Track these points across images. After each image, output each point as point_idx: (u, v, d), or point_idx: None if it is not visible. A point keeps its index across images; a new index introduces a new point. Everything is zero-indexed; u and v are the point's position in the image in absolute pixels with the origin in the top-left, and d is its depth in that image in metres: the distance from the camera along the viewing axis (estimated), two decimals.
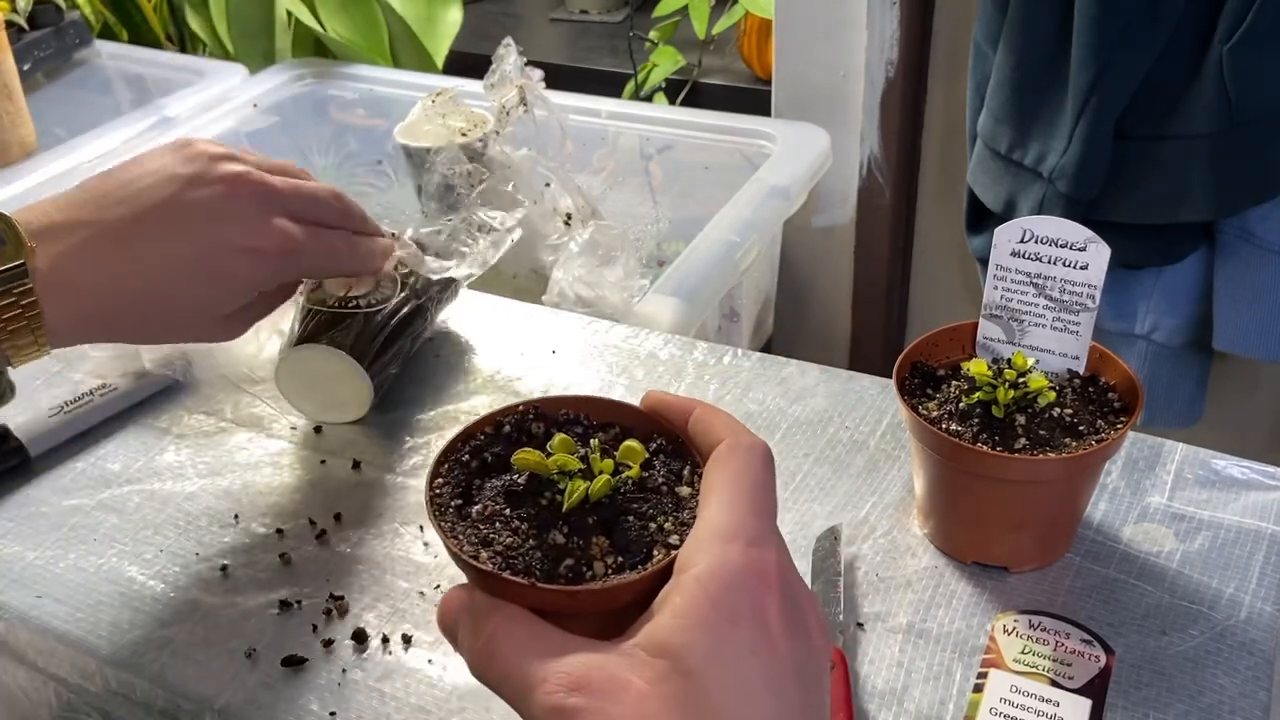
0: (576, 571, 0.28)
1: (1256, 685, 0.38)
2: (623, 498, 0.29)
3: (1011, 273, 0.43)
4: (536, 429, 0.32)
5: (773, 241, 0.89)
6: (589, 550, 0.28)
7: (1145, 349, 0.72)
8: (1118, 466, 0.48)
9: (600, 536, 0.28)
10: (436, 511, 0.29)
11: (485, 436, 0.32)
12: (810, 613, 0.26)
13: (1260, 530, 0.44)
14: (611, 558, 0.28)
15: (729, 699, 0.23)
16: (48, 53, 1.02)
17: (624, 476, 0.30)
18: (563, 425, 0.32)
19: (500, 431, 0.32)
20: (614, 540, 0.28)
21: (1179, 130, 0.63)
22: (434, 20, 1.12)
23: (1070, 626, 0.41)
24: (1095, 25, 0.62)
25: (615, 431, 0.32)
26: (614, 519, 0.29)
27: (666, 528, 0.29)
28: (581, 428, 0.32)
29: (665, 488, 0.30)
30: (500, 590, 0.27)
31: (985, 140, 0.73)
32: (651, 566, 0.27)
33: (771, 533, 0.27)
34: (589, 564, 0.28)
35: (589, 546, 0.28)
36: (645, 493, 0.30)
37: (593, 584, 0.27)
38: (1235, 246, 0.66)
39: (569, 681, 0.24)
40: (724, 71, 1.37)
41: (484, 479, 0.31)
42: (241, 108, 0.98)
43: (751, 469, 0.27)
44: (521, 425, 0.32)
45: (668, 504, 0.29)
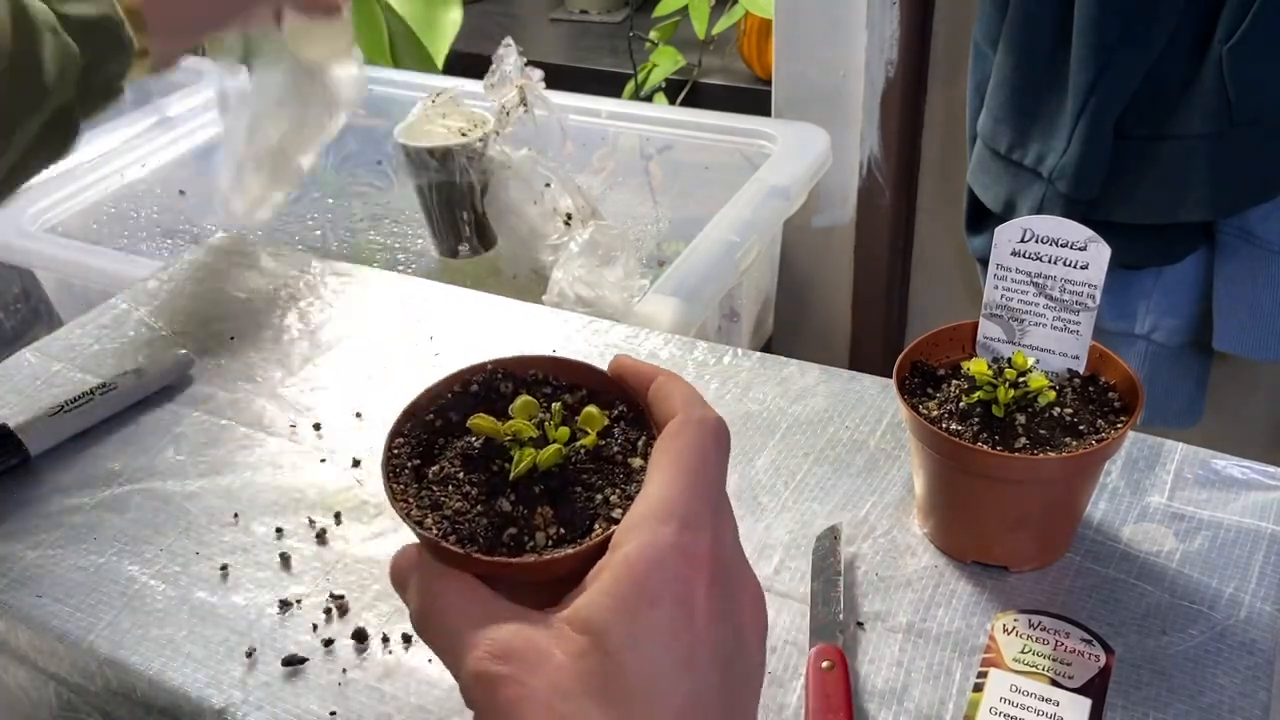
0: (519, 541, 0.27)
1: (1256, 685, 0.38)
2: (573, 468, 0.29)
3: (1012, 272, 0.43)
4: (505, 388, 0.31)
5: (773, 241, 0.89)
6: (533, 520, 0.28)
7: (1145, 349, 0.72)
8: (1117, 466, 0.48)
9: (546, 506, 0.28)
10: (391, 472, 0.29)
11: (452, 396, 0.31)
12: (746, 599, 0.26)
13: (1260, 530, 0.44)
14: (554, 529, 0.28)
15: (644, 680, 0.23)
16: None
17: (578, 445, 0.29)
18: (530, 386, 0.31)
19: (468, 390, 0.31)
20: (559, 511, 0.28)
21: (1179, 130, 0.63)
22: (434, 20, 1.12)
23: (1070, 626, 0.41)
24: (1095, 25, 0.62)
25: (582, 395, 0.31)
26: (562, 489, 0.28)
27: (612, 500, 0.28)
28: (550, 389, 0.31)
29: (619, 458, 0.29)
30: (441, 556, 0.27)
31: (985, 140, 0.73)
32: (588, 541, 0.27)
33: (710, 513, 0.26)
34: (531, 534, 0.27)
35: (533, 516, 0.28)
36: (597, 463, 0.29)
37: (527, 557, 0.27)
38: (1235, 247, 0.66)
39: (495, 649, 0.24)
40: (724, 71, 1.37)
41: (446, 439, 0.30)
42: None
43: (698, 445, 0.27)
44: (490, 384, 0.31)
45: (618, 475, 0.29)
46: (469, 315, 0.62)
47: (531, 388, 0.31)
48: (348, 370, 0.58)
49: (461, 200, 0.73)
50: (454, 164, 0.72)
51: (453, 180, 0.72)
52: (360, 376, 0.57)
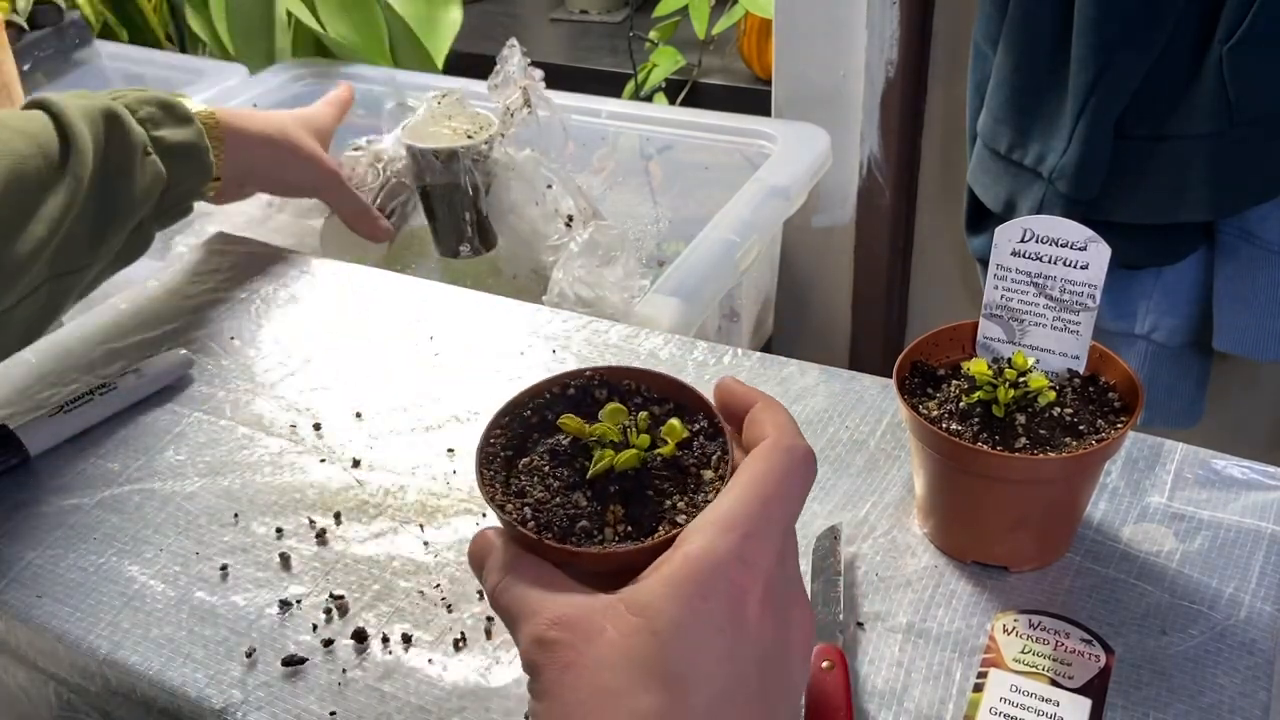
0: (588, 533, 0.29)
1: (1256, 685, 0.38)
2: (649, 473, 0.31)
3: (1012, 272, 0.43)
4: (599, 394, 0.34)
5: (773, 241, 0.89)
6: (604, 516, 0.30)
7: (1145, 349, 0.72)
8: (1117, 466, 0.48)
9: (618, 505, 0.30)
10: (484, 460, 0.31)
11: (550, 396, 0.34)
12: (797, 615, 0.28)
13: (1260, 530, 0.44)
14: (622, 526, 0.30)
15: (685, 664, 0.25)
16: (48, 53, 1.02)
17: (656, 453, 0.31)
18: (623, 394, 0.34)
19: (565, 392, 0.34)
20: (629, 510, 0.30)
21: (1179, 130, 0.63)
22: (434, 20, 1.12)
23: (1070, 626, 0.41)
24: (1095, 25, 0.62)
25: (669, 407, 0.33)
26: (635, 491, 0.30)
27: (679, 506, 0.30)
28: (640, 399, 0.34)
29: (693, 469, 0.31)
30: (518, 539, 0.29)
31: (985, 140, 0.73)
32: (651, 540, 0.29)
33: (775, 533, 0.27)
34: (601, 528, 0.30)
35: (605, 513, 0.30)
36: (672, 471, 0.31)
37: (592, 548, 0.29)
38: (1235, 247, 0.66)
39: (556, 618, 0.26)
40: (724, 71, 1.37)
41: (540, 435, 0.33)
42: (241, 108, 0.98)
43: (780, 470, 0.28)
44: (586, 389, 0.34)
45: (689, 485, 0.31)
46: (469, 315, 0.62)
47: (624, 396, 0.34)
48: (348, 370, 0.58)
49: (465, 201, 0.73)
50: (459, 165, 0.72)
51: (457, 182, 0.72)
52: (360, 376, 0.57)
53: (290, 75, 1.02)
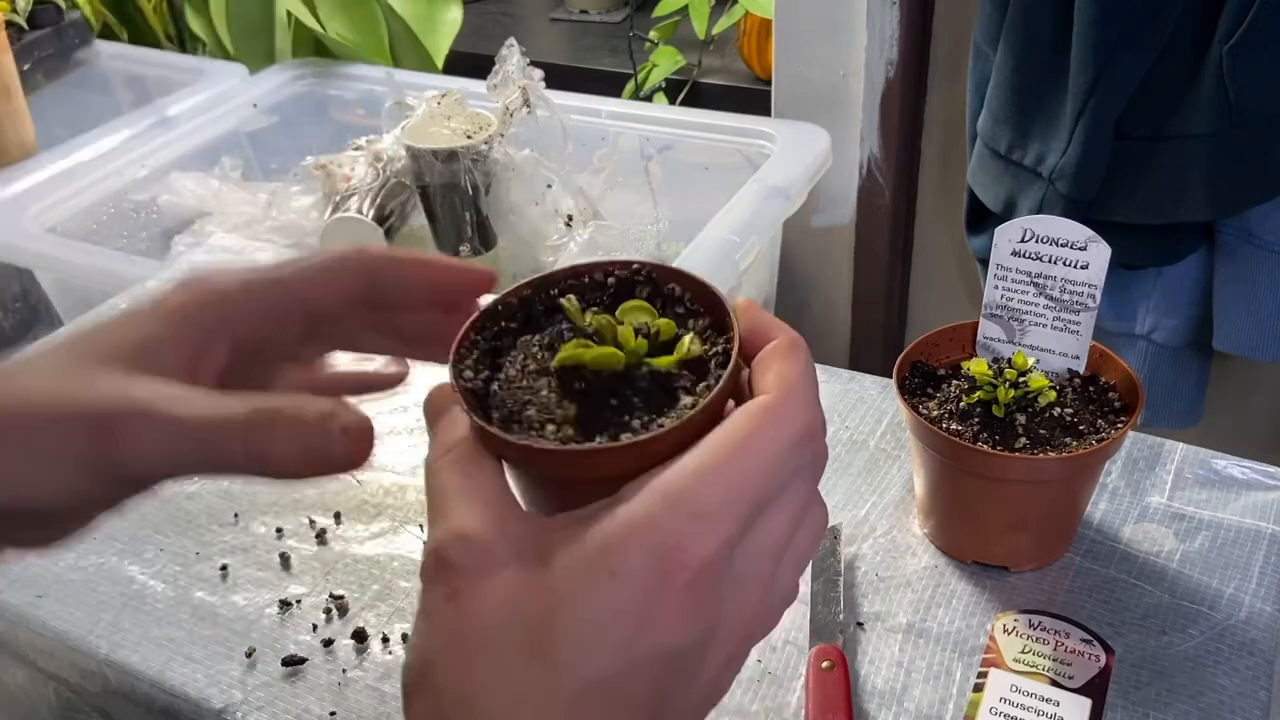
0: (530, 424, 0.26)
1: (1256, 685, 0.38)
2: (630, 380, 0.26)
3: (1012, 272, 0.43)
4: (641, 292, 0.29)
5: (772, 242, 0.89)
6: (557, 414, 0.26)
7: (1145, 349, 0.72)
8: (1118, 466, 0.48)
9: (571, 403, 0.26)
10: (483, 319, 0.28)
11: (590, 281, 0.29)
12: (738, 620, 0.24)
13: (1260, 530, 0.44)
14: (568, 428, 0.26)
15: (570, 642, 0.22)
16: (47, 53, 1.02)
17: (646, 361, 0.26)
18: (665, 300, 0.29)
19: (605, 280, 0.29)
20: (582, 412, 0.26)
21: (1179, 130, 0.63)
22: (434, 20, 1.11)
23: (1070, 626, 0.41)
24: (1095, 25, 0.62)
25: (705, 323, 0.28)
26: (599, 394, 0.26)
27: (633, 424, 0.25)
28: (682, 309, 0.29)
29: (679, 393, 0.26)
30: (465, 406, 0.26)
31: (985, 140, 0.73)
32: (574, 446, 0.24)
33: (731, 517, 0.23)
34: (544, 425, 0.26)
35: (563, 409, 0.26)
36: (654, 387, 0.26)
37: (511, 436, 0.25)
38: (1235, 247, 0.66)
39: (460, 530, 0.23)
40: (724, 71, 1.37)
41: (560, 319, 0.29)
42: (241, 107, 0.98)
43: (764, 442, 0.23)
44: (629, 283, 0.29)
45: (665, 405, 0.26)
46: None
47: (665, 301, 0.29)
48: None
49: (465, 201, 0.73)
50: (459, 165, 0.72)
51: (456, 182, 0.72)
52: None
53: (290, 75, 1.02)
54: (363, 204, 0.77)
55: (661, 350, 0.27)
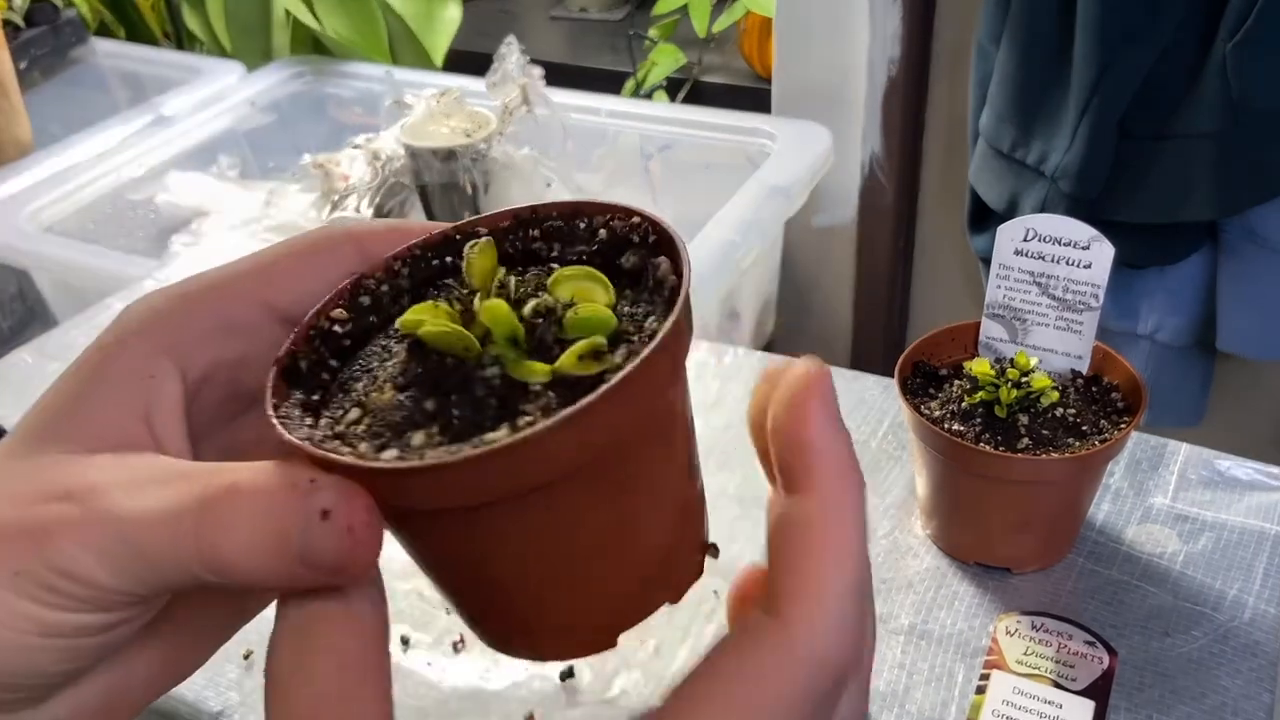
0: (378, 435, 0.17)
1: (1260, 687, 0.38)
2: (471, 376, 0.18)
3: (1014, 271, 0.43)
4: (627, 260, 0.20)
5: (774, 241, 0.89)
6: (415, 415, 0.17)
7: (1148, 349, 0.72)
8: (1121, 467, 0.47)
9: (430, 399, 0.18)
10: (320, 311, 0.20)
11: (572, 228, 0.21)
12: None
13: (1264, 531, 0.44)
14: (436, 434, 0.17)
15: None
16: (44, 50, 1.02)
17: (503, 358, 0.18)
18: (654, 282, 0.20)
19: (593, 231, 0.21)
20: (445, 407, 0.17)
21: (1182, 129, 0.62)
22: (432, 18, 1.11)
23: (1073, 628, 0.40)
24: (1098, 23, 0.62)
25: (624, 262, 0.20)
26: (447, 395, 0.18)
27: (532, 407, 0.17)
28: (656, 297, 0.19)
29: (529, 405, 0.17)
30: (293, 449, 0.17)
31: (987, 139, 0.73)
32: (464, 453, 0.16)
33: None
34: (403, 433, 0.17)
35: (416, 411, 0.17)
36: (505, 392, 0.17)
37: (357, 455, 0.17)
38: (1238, 246, 0.65)
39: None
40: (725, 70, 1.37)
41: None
42: (239, 106, 0.97)
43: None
44: (622, 241, 0.20)
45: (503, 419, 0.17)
46: None
47: (653, 284, 0.19)
48: None
49: (464, 200, 0.73)
50: (457, 164, 0.71)
51: (455, 181, 0.72)
52: None
53: (288, 73, 1.02)
54: (361, 203, 0.77)
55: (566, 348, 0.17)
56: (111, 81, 1.06)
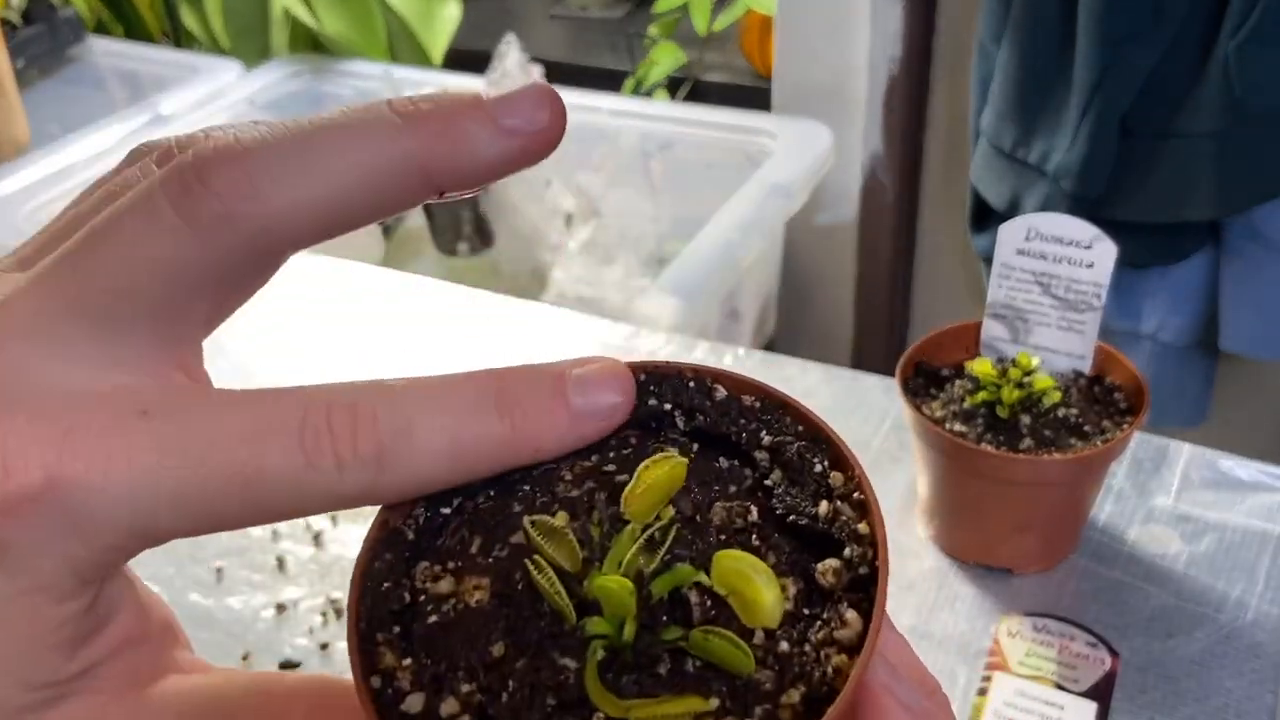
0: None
1: (1263, 688, 0.38)
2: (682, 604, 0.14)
3: (1016, 271, 0.43)
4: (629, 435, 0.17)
5: (774, 240, 0.89)
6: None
7: (1151, 348, 0.72)
8: (1123, 467, 0.47)
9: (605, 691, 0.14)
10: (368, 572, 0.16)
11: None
12: None
13: (1267, 532, 0.44)
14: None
15: None
16: (42, 49, 1.01)
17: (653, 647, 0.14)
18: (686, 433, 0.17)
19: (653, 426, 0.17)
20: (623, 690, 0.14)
21: (1184, 128, 0.62)
22: (431, 16, 1.11)
23: (1075, 629, 0.40)
24: (1100, 22, 0.62)
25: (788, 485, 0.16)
26: (637, 662, 0.14)
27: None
28: (734, 454, 0.17)
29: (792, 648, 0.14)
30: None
31: (989, 138, 0.73)
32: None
33: None
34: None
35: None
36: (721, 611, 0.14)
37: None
38: (1241, 245, 0.65)
39: None
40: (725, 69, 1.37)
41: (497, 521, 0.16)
42: (236, 104, 0.97)
43: None
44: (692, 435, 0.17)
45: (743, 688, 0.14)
46: (468, 314, 0.61)
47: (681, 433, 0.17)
48: (345, 369, 0.57)
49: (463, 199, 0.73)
50: None
51: None
52: (359, 374, 0.57)
53: (286, 72, 1.01)
54: None
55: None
56: (109, 80, 1.06)
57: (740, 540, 0.16)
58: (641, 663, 0.14)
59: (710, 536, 0.16)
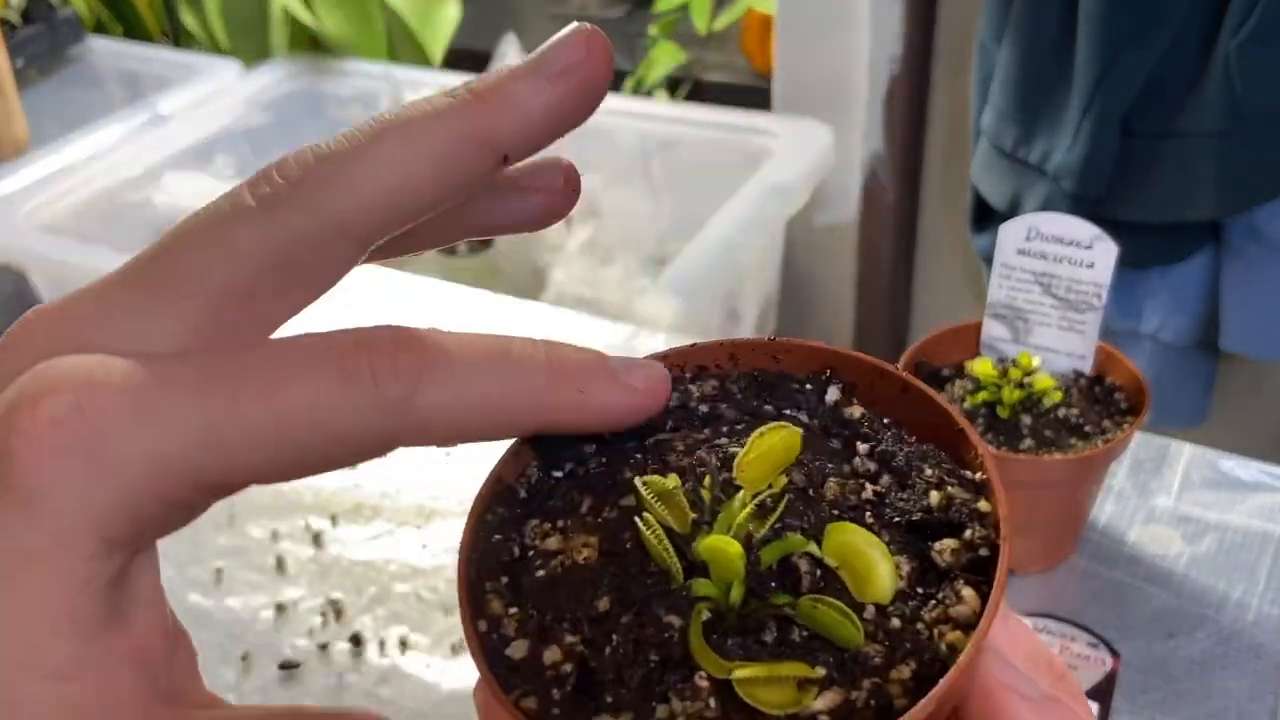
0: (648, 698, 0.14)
1: (1264, 689, 0.38)
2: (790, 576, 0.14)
3: (1017, 271, 0.43)
4: (745, 400, 0.17)
5: (775, 240, 0.88)
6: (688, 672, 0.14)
7: (1151, 349, 0.72)
8: (1124, 467, 0.47)
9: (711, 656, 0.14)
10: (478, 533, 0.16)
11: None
12: None
13: (1268, 532, 0.44)
14: (707, 699, 0.13)
15: None
16: (41, 49, 1.01)
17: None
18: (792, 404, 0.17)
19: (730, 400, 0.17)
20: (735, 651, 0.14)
21: (1185, 127, 0.62)
22: (431, 16, 1.11)
23: (1076, 630, 0.40)
24: (1101, 21, 0.62)
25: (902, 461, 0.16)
26: (747, 627, 0.14)
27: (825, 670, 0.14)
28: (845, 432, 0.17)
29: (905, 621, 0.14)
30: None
31: (990, 137, 0.72)
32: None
33: None
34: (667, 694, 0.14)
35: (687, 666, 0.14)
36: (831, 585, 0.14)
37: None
38: (1242, 245, 0.65)
39: None
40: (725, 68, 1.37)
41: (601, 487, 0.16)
42: (236, 104, 0.97)
43: None
44: (722, 397, 0.17)
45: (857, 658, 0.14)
46: (467, 314, 0.61)
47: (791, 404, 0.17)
48: None
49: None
50: None
51: None
52: None
53: (285, 71, 1.01)
54: None
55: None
56: (108, 80, 1.06)
57: (853, 516, 0.15)
58: (747, 627, 0.14)
59: (823, 510, 0.15)
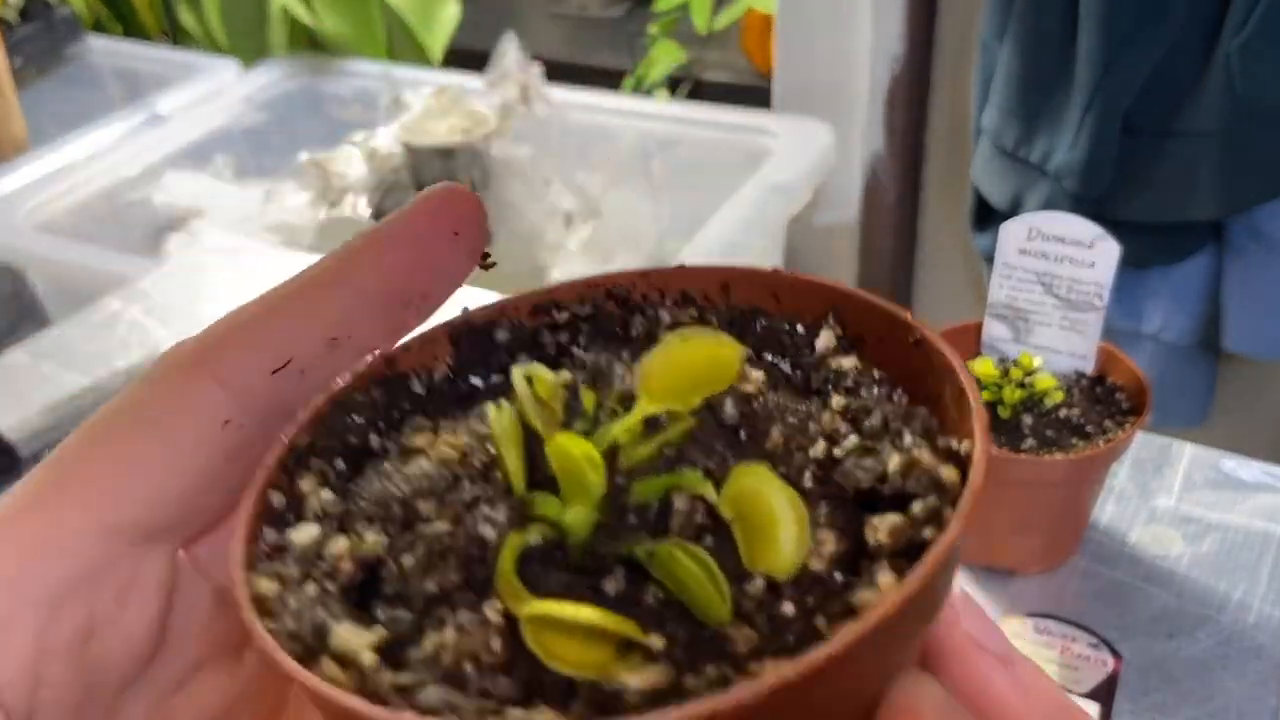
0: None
1: (1265, 690, 0.38)
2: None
3: (1018, 271, 0.42)
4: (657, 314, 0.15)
5: (775, 240, 0.88)
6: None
7: (1153, 348, 0.72)
8: (1125, 468, 0.47)
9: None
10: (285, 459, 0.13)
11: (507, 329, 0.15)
12: None
13: (1269, 532, 0.44)
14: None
15: None
16: (39, 47, 1.01)
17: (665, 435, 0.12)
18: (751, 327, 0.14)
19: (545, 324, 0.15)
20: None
21: (1187, 127, 0.62)
22: (431, 15, 1.11)
23: (1077, 630, 0.40)
24: (1102, 20, 0.61)
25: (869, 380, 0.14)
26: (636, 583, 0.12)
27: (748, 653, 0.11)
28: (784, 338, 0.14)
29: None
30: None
31: (991, 137, 0.72)
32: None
33: None
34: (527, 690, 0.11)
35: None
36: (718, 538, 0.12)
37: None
38: (1244, 245, 0.65)
39: None
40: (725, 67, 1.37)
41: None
42: (234, 104, 0.97)
43: None
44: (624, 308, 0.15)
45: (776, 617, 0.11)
46: None
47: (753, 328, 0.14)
48: None
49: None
50: (456, 163, 0.71)
51: (455, 179, 0.72)
52: None
53: (284, 71, 1.01)
54: (359, 202, 0.76)
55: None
56: (107, 79, 1.06)
57: (788, 475, 0.12)
58: (587, 567, 0.11)
59: (749, 458, 0.12)
